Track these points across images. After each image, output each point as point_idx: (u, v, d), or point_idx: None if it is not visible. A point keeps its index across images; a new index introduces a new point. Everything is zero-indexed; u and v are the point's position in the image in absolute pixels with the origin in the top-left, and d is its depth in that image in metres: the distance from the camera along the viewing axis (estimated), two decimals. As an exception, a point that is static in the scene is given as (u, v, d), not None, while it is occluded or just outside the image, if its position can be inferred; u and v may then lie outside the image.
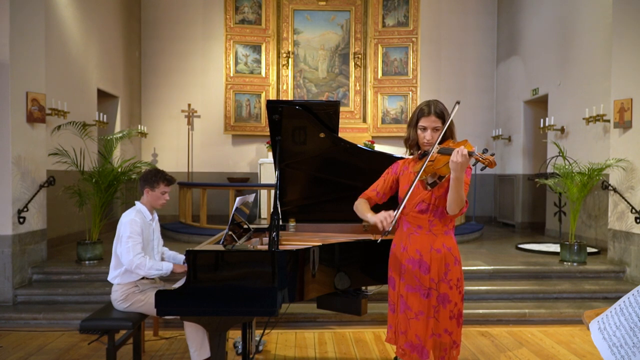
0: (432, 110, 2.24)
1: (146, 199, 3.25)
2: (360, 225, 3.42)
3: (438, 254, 2.29)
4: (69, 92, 6.33)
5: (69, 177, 5.38)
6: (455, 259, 2.32)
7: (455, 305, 2.30)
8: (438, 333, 2.29)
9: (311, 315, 4.43)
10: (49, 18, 5.63)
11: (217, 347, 2.57)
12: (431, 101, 2.30)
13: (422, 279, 2.29)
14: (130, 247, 3.05)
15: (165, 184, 3.23)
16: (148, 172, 3.28)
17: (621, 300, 1.24)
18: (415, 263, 2.31)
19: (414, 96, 8.89)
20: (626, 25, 5.24)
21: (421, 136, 2.27)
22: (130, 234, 3.06)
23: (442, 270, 2.29)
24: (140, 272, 3.08)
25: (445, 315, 2.28)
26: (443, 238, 2.32)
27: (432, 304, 2.28)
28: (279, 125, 3.02)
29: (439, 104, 2.29)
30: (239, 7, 8.88)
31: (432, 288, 2.29)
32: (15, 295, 4.64)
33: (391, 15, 9.05)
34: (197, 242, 5.24)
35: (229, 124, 8.89)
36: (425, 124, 2.25)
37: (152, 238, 3.27)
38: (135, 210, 3.20)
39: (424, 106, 2.28)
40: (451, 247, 2.32)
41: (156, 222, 3.36)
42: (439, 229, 2.31)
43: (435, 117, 2.24)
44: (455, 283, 2.30)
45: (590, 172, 5.27)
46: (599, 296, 4.90)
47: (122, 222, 3.14)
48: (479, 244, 6.75)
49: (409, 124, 2.36)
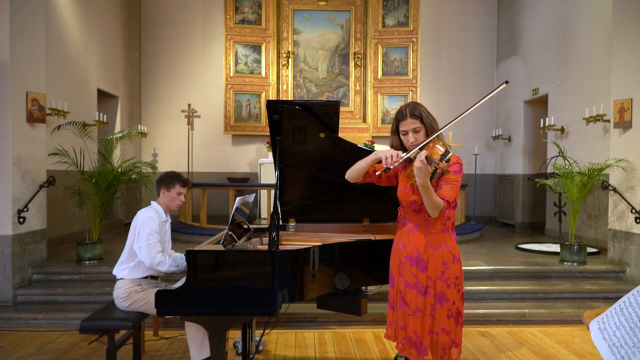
0: (408, 113, 2.30)
1: (162, 200, 3.31)
2: (360, 225, 3.42)
3: (435, 252, 2.30)
4: (69, 92, 6.33)
5: (69, 177, 5.38)
6: (453, 257, 2.32)
7: (454, 304, 2.30)
8: (436, 332, 2.29)
9: (311, 315, 4.43)
10: (49, 18, 5.63)
11: (217, 347, 2.57)
12: (404, 105, 2.37)
13: (420, 277, 2.30)
14: (151, 244, 3.11)
15: (181, 184, 3.31)
16: (165, 173, 3.38)
17: (621, 300, 1.24)
18: (413, 260, 2.32)
19: (414, 96, 8.89)
20: (626, 25, 5.24)
21: (404, 140, 2.34)
22: (150, 231, 3.12)
23: (439, 268, 2.30)
24: (161, 268, 3.16)
25: (442, 314, 2.29)
26: (440, 236, 2.33)
27: (429, 302, 2.29)
28: (279, 125, 3.02)
29: (412, 105, 2.34)
30: (239, 7, 8.88)
31: (430, 286, 2.29)
32: (15, 295, 4.64)
33: (391, 15, 9.05)
34: (197, 242, 5.24)
35: (229, 124, 8.89)
36: (403, 127, 2.32)
37: (165, 239, 3.33)
38: (152, 208, 3.26)
39: (399, 112, 2.35)
40: (449, 245, 2.33)
41: (169, 225, 3.42)
42: (436, 227, 2.33)
43: (411, 119, 2.29)
44: (454, 281, 2.31)
45: (590, 172, 5.27)
46: (599, 296, 4.90)
47: (140, 218, 3.19)
48: (479, 244, 6.75)
49: (391, 132, 2.43)
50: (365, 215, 3.40)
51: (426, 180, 2.08)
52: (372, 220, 3.41)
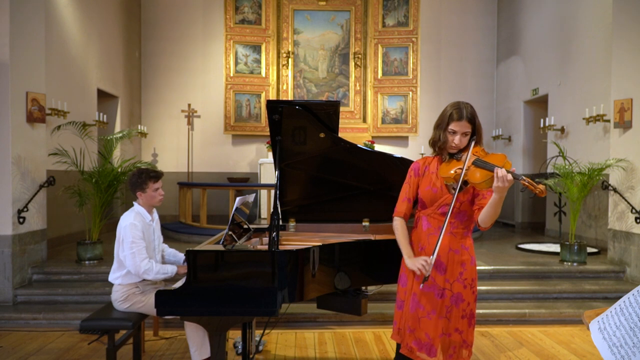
0: (464, 115, 2.23)
1: (142, 201, 3.22)
2: (360, 225, 3.42)
3: (456, 255, 2.30)
4: (69, 92, 6.33)
5: (69, 177, 5.38)
6: (472, 258, 2.34)
7: (468, 305, 2.30)
8: (448, 332, 2.28)
9: (311, 315, 4.43)
10: (49, 18, 5.63)
11: (217, 347, 2.57)
12: (462, 104, 2.27)
13: (437, 279, 2.28)
14: (135, 252, 3.03)
15: (153, 181, 3.18)
16: (132, 175, 3.22)
17: (621, 300, 1.24)
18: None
19: (414, 96, 8.89)
20: (626, 25, 5.24)
21: (450, 139, 2.27)
22: (133, 238, 3.04)
23: (457, 270, 2.29)
24: (148, 277, 3.06)
25: (457, 314, 2.28)
26: (462, 239, 2.33)
27: (446, 304, 2.28)
28: (279, 125, 3.02)
29: (469, 108, 2.27)
30: (239, 7, 8.88)
31: (447, 288, 2.28)
32: (15, 295, 4.64)
33: (391, 15, 9.05)
34: (197, 242, 5.24)
35: (229, 124, 8.89)
36: (455, 128, 2.24)
37: (152, 239, 3.25)
38: (134, 212, 3.16)
39: (455, 110, 2.26)
40: (468, 247, 2.35)
41: (156, 222, 3.34)
42: (460, 231, 2.33)
43: (466, 122, 2.24)
44: (470, 282, 2.31)
45: (590, 172, 5.27)
46: (599, 296, 4.90)
47: (122, 225, 3.11)
48: (479, 244, 6.75)
49: (437, 125, 2.32)
50: (365, 215, 3.39)
51: (504, 195, 2.11)
52: (372, 220, 3.40)
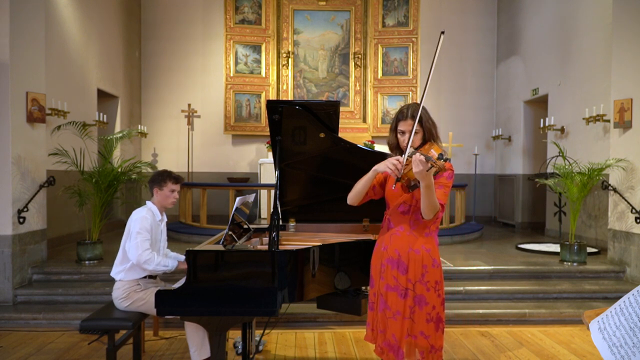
0: (407, 115, 2.31)
1: (156, 199, 3.32)
2: (360, 225, 3.42)
3: (416, 255, 2.30)
4: (69, 92, 6.33)
5: (69, 177, 5.38)
6: (434, 261, 2.31)
7: (434, 308, 2.29)
8: (414, 334, 2.27)
9: (311, 315, 4.43)
10: (49, 18, 5.63)
11: (217, 347, 2.57)
12: (408, 105, 2.38)
13: (400, 279, 2.30)
14: (138, 242, 3.10)
15: (172, 182, 3.32)
16: (156, 172, 3.39)
17: (621, 300, 1.24)
18: (394, 263, 2.32)
19: (414, 96, 8.88)
20: (626, 25, 5.24)
21: (400, 140, 2.36)
22: (140, 229, 3.13)
23: (419, 271, 2.29)
24: (148, 267, 3.12)
25: (421, 317, 2.28)
26: (423, 239, 2.32)
27: (409, 304, 2.28)
28: (279, 125, 3.02)
29: (413, 107, 2.35)
30: (239, 7, 8.88)
31: (409, 288, 2.29)
32: (15, 295, 4.64)
33: (391, 15, 9.05)
34: (197, 242, 5.24)
35: (229, 124, 8.90)
36: (402, 127, 2.33)
37: (159, 238, 3.33)
38: (146, 208, 3.28)
39: (399, 111, 2.37)
40: (430, 248, 2.32)
41: (164, 224, 3.42)
42: (420, 230, 2.33)
43: (411, 120, 2.29)
44: (433, 285, 2.30)
45: (590, 172, 5.27)
46: (599, 296, 4.90)
47: (133, 218, 3.21)
48: (479, 244, 6.75)
49: (390, 128, 2.43)
50: (365, 215, 3.40)
51: (430, 180, 2.07)
52: (372, 220, 3.40)
